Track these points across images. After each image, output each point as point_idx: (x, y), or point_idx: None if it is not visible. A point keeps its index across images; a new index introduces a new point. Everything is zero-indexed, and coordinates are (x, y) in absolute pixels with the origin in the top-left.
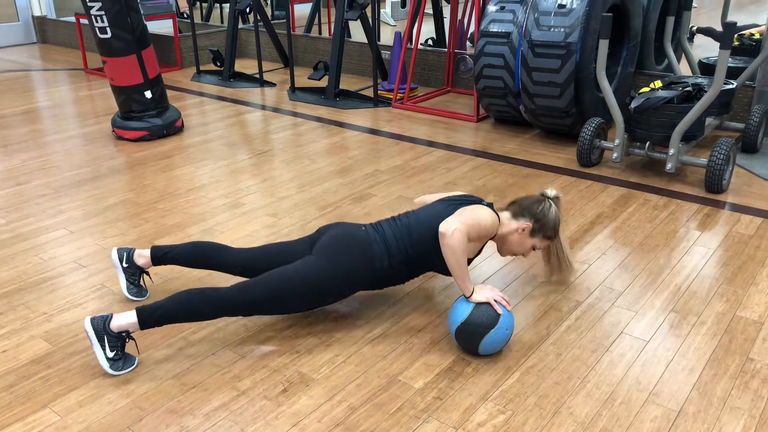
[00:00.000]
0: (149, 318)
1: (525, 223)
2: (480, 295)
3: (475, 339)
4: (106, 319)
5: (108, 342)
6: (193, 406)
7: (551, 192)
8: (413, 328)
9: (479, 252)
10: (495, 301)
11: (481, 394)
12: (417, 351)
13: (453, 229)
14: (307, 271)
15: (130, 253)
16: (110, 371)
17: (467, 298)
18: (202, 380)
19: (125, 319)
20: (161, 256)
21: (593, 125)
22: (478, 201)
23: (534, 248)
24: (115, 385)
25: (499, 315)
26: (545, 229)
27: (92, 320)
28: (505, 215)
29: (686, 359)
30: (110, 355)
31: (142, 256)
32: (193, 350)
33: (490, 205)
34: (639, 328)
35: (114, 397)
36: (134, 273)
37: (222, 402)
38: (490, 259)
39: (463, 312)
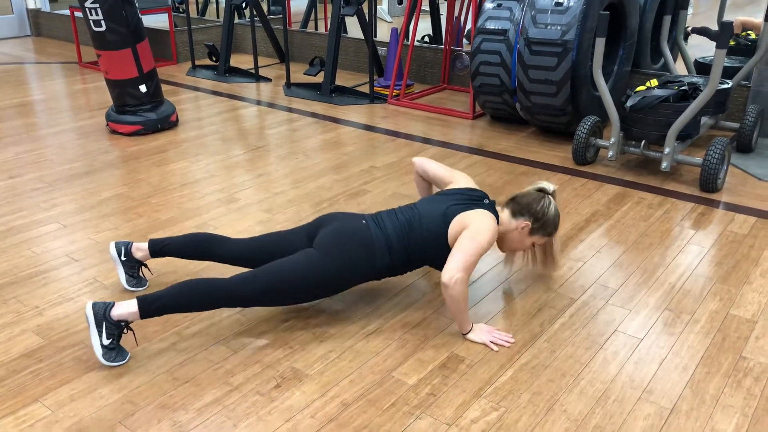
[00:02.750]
0: (150, 307)
1: (524, 222)
2: (476, 335)
3: None
4: (108, 306)
5: (106, 329)
6: (186, 401)
7: (550, 187)
8: (407, 324)
9: None
10: (492, 342)
11: (475, 391)
12: (411, 347)
13: (455, 279)
14: (309, 266)
15: (128, 246)
16: (102, 360)
17: (463, 335)
18: (195, 375)
19: (126, 308)
20: (159, 249)
21: (589, 123)
22: (480, 198)
23: (534, 245)
24: (108, 379)
25: None
26: (546, 226)
27: (94, 305)
28: (505, 214)
29: (680, 357)
30: (106, 342)
31: (140, 250)
32: (186, 345)
33: (491, 204)
34: (633, 326)
35: (106, 392)
36: (133, 266)
37: (215, 397)
38: (485, 256)
39: None
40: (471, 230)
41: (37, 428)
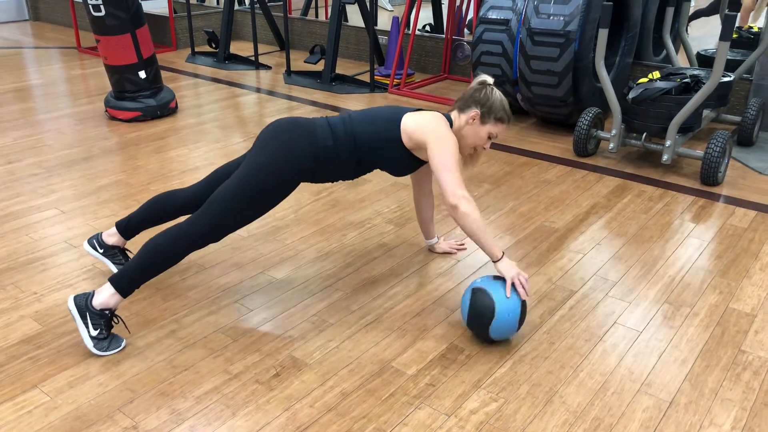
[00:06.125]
0: (122, 282)
1: (473, 111)
2: (505, 267)
3: (483, 329)
4: (89, 297)
5: (91, 319)
6: (185, 389)
7: (488, 78)
8: (407, 314)
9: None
10: (513, 283)
11: (474, 382)
12: (410, 337)
13: (458, 197)
14: (249, 172)
15: (98, 237)
16: (94, 350)
17: (493, 262)
18: (194, 363)
19: (105, 292)
20: (125, 226)
21: (590, 115)
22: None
23: (491, 136)
24: (106, 366)
25: (493, 303)
26: (494, 110)
27: (75, 298)
28: (455, 114)
29: (679, 350)
30: (94, 333)
31: (111, 235)
32: (185, 333)
33: (446, 115)
34: (632, 318)
35: (104, 379)
36: (115, 254)
37: (214, 385)
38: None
39: (465, 304)
40: (435, 144)
41: (36, 414)
